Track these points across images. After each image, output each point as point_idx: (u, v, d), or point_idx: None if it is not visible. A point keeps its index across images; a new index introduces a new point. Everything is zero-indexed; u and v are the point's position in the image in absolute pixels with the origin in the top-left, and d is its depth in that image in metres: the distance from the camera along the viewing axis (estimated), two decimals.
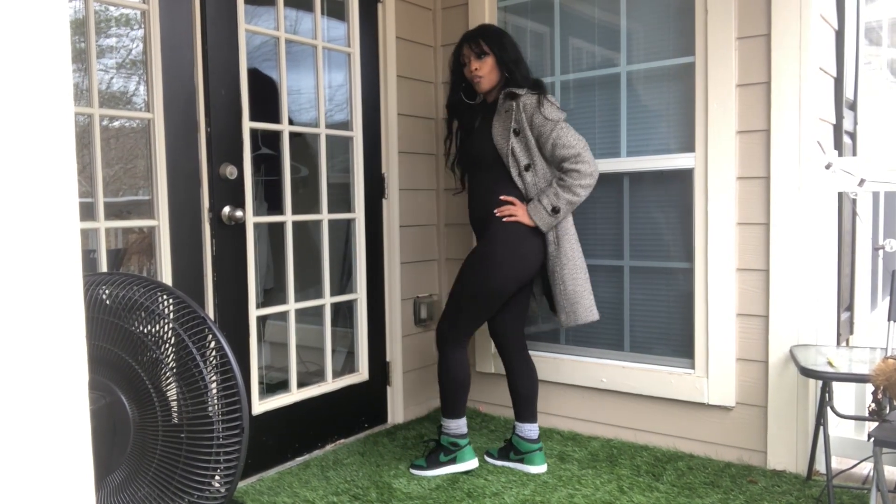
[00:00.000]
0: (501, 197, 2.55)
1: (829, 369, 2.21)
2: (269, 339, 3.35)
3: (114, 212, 2.47)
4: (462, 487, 2.50)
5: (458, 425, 2.64)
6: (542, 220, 2.50)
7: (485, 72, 2.57)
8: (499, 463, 2.71)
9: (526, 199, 2.56)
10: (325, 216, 2.90)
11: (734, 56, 2.60)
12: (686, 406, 2.79)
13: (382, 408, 3.21)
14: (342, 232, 3.14)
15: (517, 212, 2.52)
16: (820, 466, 2.51)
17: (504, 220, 2.52)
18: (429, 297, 3.38)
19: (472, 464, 2.64)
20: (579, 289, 2.54)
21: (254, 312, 2.62)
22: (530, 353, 2.76)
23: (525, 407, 2.68)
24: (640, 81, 2.89)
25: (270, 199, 3.21)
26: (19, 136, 0.69)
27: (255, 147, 2.70)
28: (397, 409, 3.23)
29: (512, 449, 2.70)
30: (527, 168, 2.53)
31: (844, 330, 3.35)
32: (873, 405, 2.16)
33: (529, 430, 2.67)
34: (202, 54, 2.43)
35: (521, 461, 2.65)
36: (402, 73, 3.19)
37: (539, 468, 2.63)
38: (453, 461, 2.63)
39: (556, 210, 2.49)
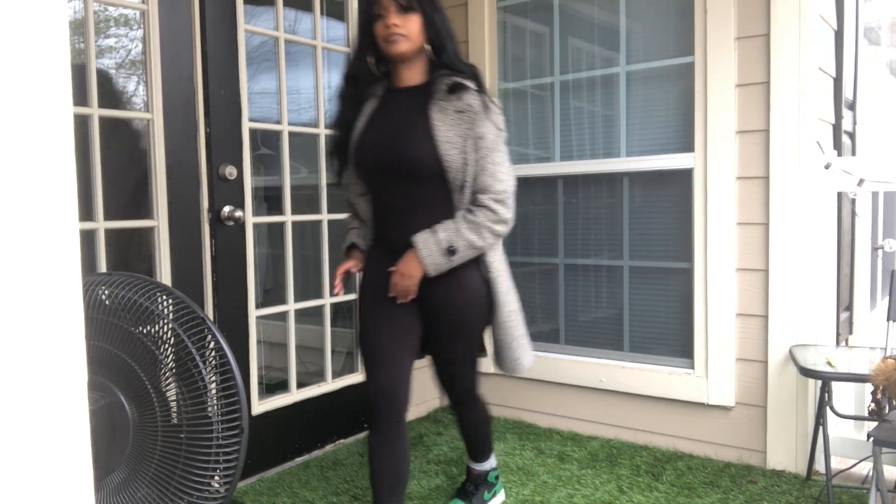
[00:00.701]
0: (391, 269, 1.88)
1: (829, 369, 2.21)
2: (268, 340, 3.35)
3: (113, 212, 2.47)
4: None
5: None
6: (433, 260, 1.82)
7: (408, 31, 1.84)
8: None
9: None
10: (324, 216, 2.90)
11: (733, 56, 2.60)
12: (686, 406, 2.79)
13: None
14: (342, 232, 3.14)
15: (407, 283, 1.87)
16: (819, 466, 2.51)
17: (399, 300, 1.90)
18: None
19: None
20: (522, 332, 2.09)
21: (253, 312, 2.62)
22: (530, 352, 2.72)
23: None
24: (639, 81, 2.89)
25: (270, 200, 3.20)
26: (18, 136, 0.69)
27: (254, 147, 2.70)
28: None
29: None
30: (462, 188, 1.87)
31: (844, 330, 3.36)
32: (873, 405, 2.16)
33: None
34: (202, 54, 2.42)
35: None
36: None
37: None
38: (495, 492, 2.38)
39: (451, 251, 1.83)
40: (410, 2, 1.84)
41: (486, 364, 3.27)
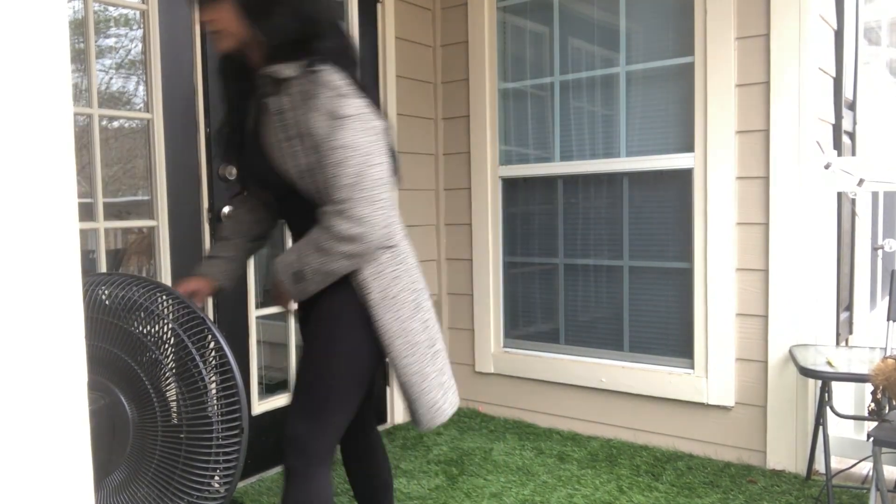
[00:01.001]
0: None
1: (829, 369, 2.21)
2: (268, 340, 3.34)
3: (113, 212, 2.47)
4: (462, 487, 2.50)
5: None
6: (289, 286, 1.52)
7: (222, 25, 1.48)
8: None
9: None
10: None
11: (733, 56, 2.60)
12: (685, 406, 2.79)
13: (382, 408, 3.20)
14: None
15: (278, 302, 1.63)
16: (819, 466, 2.51)
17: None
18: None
19: None
20: (430, 383, 1.62)
21: (253, 313, 2.61)
22: (530, 353, 2.73)
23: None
24: (639, 81, 2.89)
25: None
26: (18, 136, 0.69)
27: None
28: (397, 410, 3.23)
29: None
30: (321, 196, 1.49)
31: (844, 330, 3.36)
32: (872, 405, 2.16)
33: None
34: (202, 54, 2.42)
35: None
36: (401, 74, 3.19)
37: None
38: None
39: (299, 276, 1.49)
40: None
41: (486, 364, 3.27)
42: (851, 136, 3.57)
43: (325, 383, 1.54)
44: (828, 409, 2.33)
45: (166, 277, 2.36)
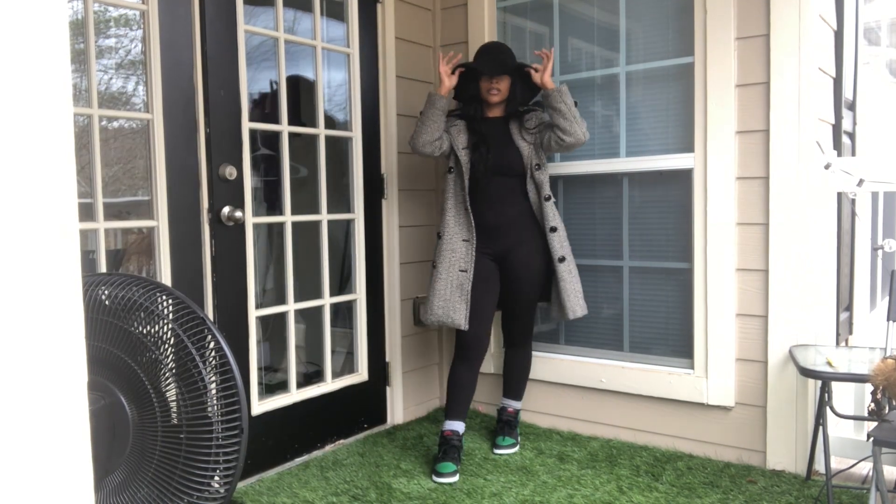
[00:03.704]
0: (536, 52, 2.82)
1: (829, 369, 2.21)
2: (267, 340, 3.35)
3: (113, 212, 2.47)
4: (462, 487, 2.50)
5: None
6: (564, 99, 2.66)
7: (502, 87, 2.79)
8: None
9: (541, 196, 2.77)
10: (324, 216, 2.90)
11: (733, 56, 2.60)
12: (685, 406, 2.79)
13: (382, 408, 3.21)
14: (341, 232, 3.14)
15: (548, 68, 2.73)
16: (819, 466, 2.51)
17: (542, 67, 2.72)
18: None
19: None
20: (579, 286, 2.82)
21: (253, 313, 2.62)
22: (531, 353, 2.75)
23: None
24: (639, 82, 2.89)
25: (270, 200, 3.21)
26: (18, 136, 0.69)
27: (254, 147, 2.70)
28: (397, 410, 3.23)
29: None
30: (538, 167, 2.76)
31: (844, 330, 3.36)
32: (872, 405, 2.16)
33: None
34: (202, 55, 2.42)
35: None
36: (401, 74, 3.19)
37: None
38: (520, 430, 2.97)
39: (575, 103, 2.72)
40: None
41: (486, 364, 3.27)
42: (851, 136, 3.57)
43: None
44: (828, 409, 2.33)
45: (166, 278, 2.36)
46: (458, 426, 2.75)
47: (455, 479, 2.57)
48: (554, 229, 2.76)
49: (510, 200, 2.78)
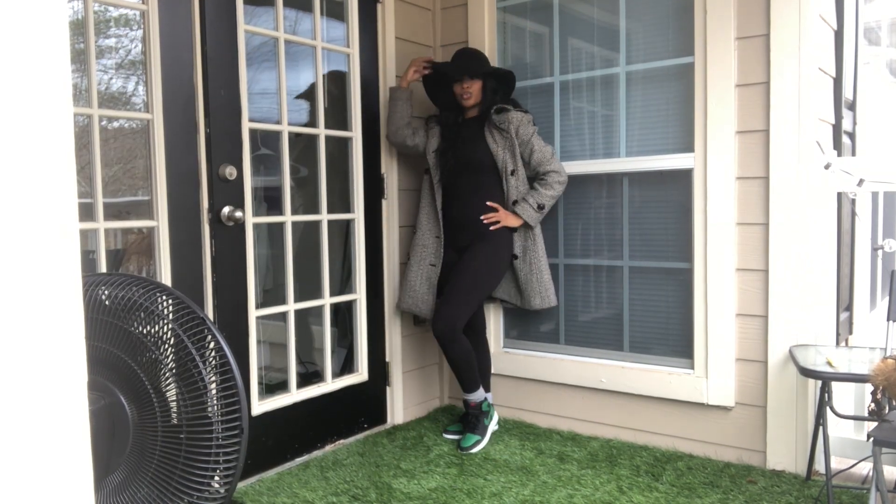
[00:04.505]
0: (488, 203, 2.91)
1: (829, 369, 2.21)
2: (268, 340, 3.35)
3: (113, 212, 2.47)
4: (462, 488, 2.50)
5: (482, 392, 2.98)
6: (531, 217, 2.88)
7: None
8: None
9: (508, 201, 2.92)
10: (324, 216, 2.90)
11: (733, 56, 2.60)
12: (685, 406, 2.79)
13: (382, 408, 3.21)
14: (342, 232, 3.14)
15: (501, 217, 2.88)
16: (819, 466, 2.51)
17: (491, 227, 2.87)
18: None
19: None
20: (548, 276, 2.95)
21: (253, 313, 2.62)
22: (530, 353, 2.76)
23: (485, 378, 3.09)
24: (639, 82, 2.89)
25: (270, 200, 3.21)
26: (18, 136, 0.69)
27: (254, 147, 2.70)
28: (397, 410, 3.23)
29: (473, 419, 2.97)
30: (512, 173, 2.90)
31: (844, 330, 3.36)
32: (873, 405, 2.16)
33: (483, 395, 3.01)
34: (202, 55, 2.42)
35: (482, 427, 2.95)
36: (401, 74, 3.18)
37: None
38: (491, 419, 3.01)
39: (541, 206, 2.87)
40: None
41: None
42: (851, 136, 3.57)
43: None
44: (828, 409, 2.33)
45: (166, 277, 2.36)
46: (469, 395, 2.96)
47: (456, 437, 2.99)
48: (513, 230, 2.93)
49: (477, 197, 2.92)
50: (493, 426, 3.01)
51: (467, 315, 2.86)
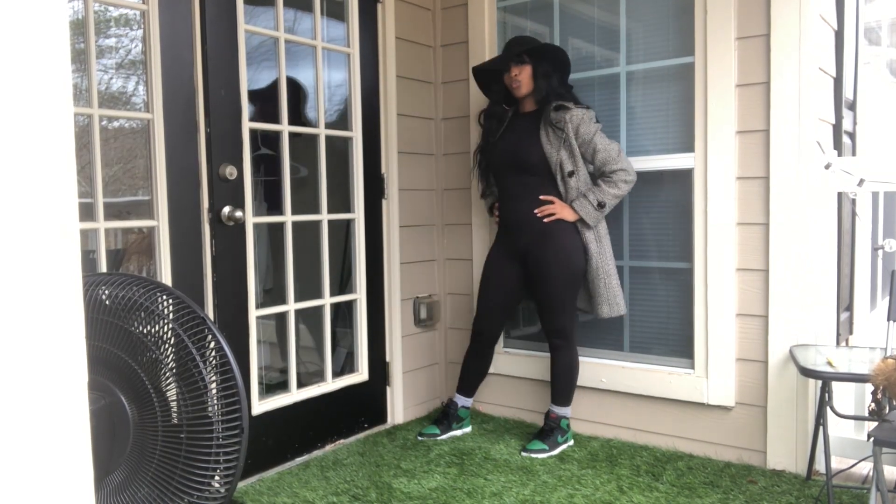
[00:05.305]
0: (542, 196, 2.76)
1: (829, 369, 2.21)
2: (268, 340, 3.35)
3: (113, 212, 2.47)
4: (462, 487, 2.50)
5: (569, 410, 2.92)
6: (589, 214, 2.72)
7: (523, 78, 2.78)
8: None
9: (567, 201, 2.76)
10: (324, 216, 2.90)
11: (733, 56, 2.60)
12: (686, 406, 2.79)
13: (382, 408, 3.21)
14: (342, 232, 3.14)
15: (557, 209, 2.73)
16: (819, 466, 2.51)
17: (545, 220, 2.73)
18: (428, 297, 3.38)
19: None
20: (616, 282, 2.79)
21: (253, 312, 2.62)
22: (531, 353, 2.76)
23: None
24: (639, 81, 2.89)
25: (270, 200, 3.21)
26: (19, 136, 0.69)
27: (254, 147, 2.70)
28: (397, 410, 3.23)
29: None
30: (570, 174, 2.74)
31: (844, 330, 3.36)
32: (873, 405, 2.16)
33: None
34: (202, 54, 2.42)
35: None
36: (401, 74, 3.19)
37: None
38: (566, 440, 2.88)
39: (601, 205, 2.70)
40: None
41: (492, 365, 3.27)
42: (851, 136, 3.57)
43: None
44: (828, 409, 2.33)
45: (166, 277, 2.36)
46: (459, 399, 3.04)
47: (438, 435, 2.98)
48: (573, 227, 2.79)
49: (531, 198, 2.77)
50: (564, 445, 2.85)
51: (574, 317, 2.85)
